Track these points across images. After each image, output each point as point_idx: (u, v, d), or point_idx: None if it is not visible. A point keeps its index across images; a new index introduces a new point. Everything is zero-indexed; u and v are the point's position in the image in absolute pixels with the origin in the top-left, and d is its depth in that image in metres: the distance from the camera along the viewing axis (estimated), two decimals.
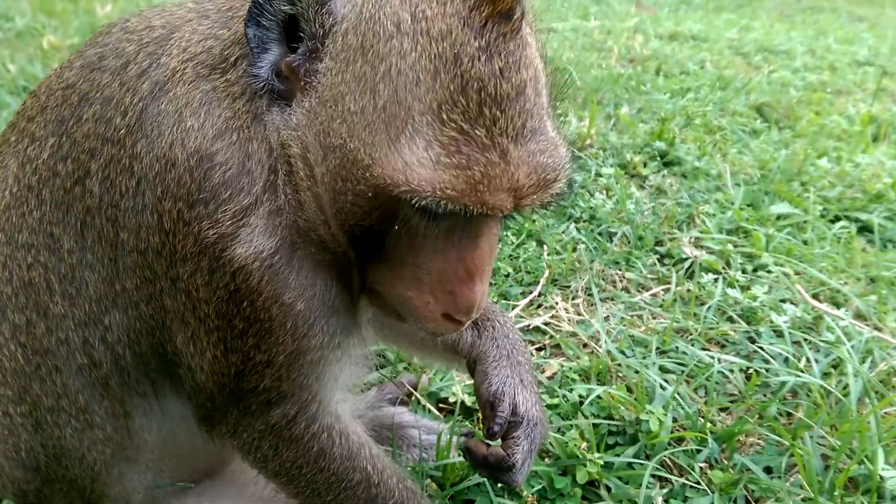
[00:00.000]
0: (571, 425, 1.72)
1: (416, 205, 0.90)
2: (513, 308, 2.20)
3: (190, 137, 0.96)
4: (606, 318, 2.17)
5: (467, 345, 1.39)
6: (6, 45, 4.53)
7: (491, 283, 2.29)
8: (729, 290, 2.24)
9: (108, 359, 1.10)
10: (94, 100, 1.04)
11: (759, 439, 1.75)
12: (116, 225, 1.01)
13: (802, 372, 1.87)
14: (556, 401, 1.81)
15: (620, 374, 1.92)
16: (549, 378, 1.93)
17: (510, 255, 2.49)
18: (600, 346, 2.02)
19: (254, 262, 0.98)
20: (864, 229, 2.73)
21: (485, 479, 1.55)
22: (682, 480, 1.60)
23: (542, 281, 2.33)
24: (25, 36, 4.72)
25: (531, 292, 2.30)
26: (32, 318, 1.09)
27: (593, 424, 1.70)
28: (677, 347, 2.02)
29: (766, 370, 1.92)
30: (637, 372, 1.88)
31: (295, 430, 1.11)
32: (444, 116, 0.88)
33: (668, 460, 1.66)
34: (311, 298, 1.03)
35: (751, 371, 1.94)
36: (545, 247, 2.52)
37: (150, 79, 1.01)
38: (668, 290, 2.32)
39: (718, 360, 1.94)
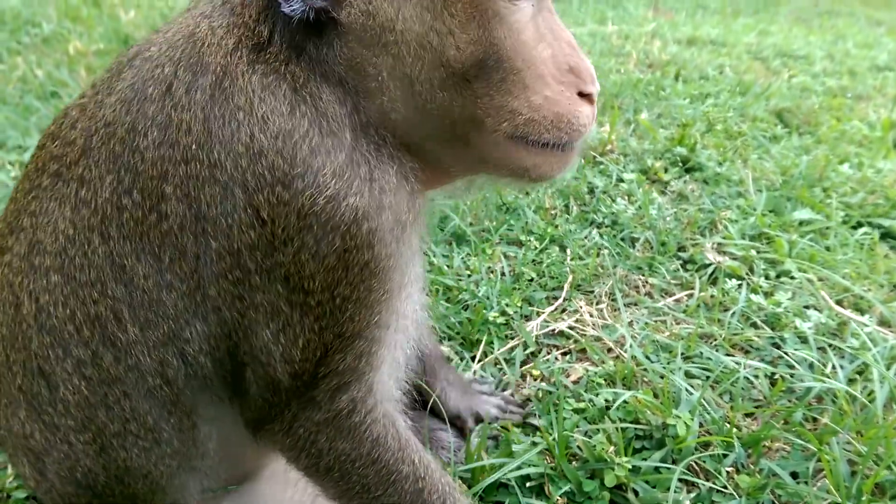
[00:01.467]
0: (598, 429, 1.74)
1: None
2: (538, 314, 2.23)
3: (268, 122, 0.99)
4: (630, 324, 2.19)
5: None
6: (33, 51, 4.61)
7: (515, 288, 2.32)
8: (753, 296, 2.25)
9: (182, 374, 1.12)
10: (147, 129, 1.05)
11: (785, 444, 1.76)
12: (205, 235, 1.02)
13: (828, 377, 1.88)
14: (582, 405, 1.83)
15: (646, 379, 1.94)
16: (575, 382, 1.96)
17: (533, 260, 2.52)
18: (625, 351, 2.04)
19: (375, 207, 1.02)
20: (887, 235, 2.73)
21: (513, 481, 1.59)
22: (709, 485, 1.62)
23: (565, 286, 2.35)
24: (52, 41, 4.80)
25: (555, 297, 2.32)
26: (99, 350, 1.11)
27: (621, 429, 1.72)
28: (702, 353, 2.03)
29: (791, 376, 1.94)
30: (662, 377, 1.90)
31: (355, 418, 1.14)
32: None
33: (694, 465, 1.68)
34: (409, 260, 1.11)
35: (776, 377, 1.95)
36: (568, 252, 2.54)
37: (201, 88, 1.03)
38: (691, 295, 2.34)
39: (743, 365, 1.95)
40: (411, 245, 1.12)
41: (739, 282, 2.36)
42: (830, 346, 2.04)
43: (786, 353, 2.02)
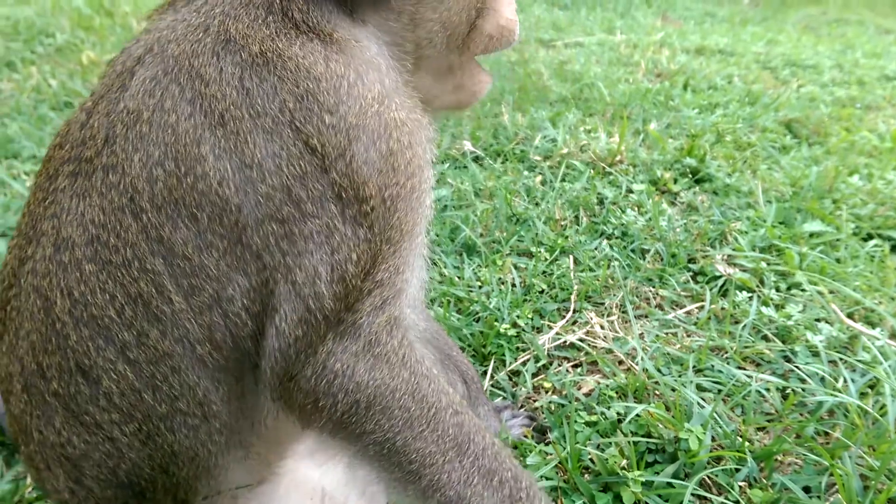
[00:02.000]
0: (611, 443, 1.75)
1: None
2: (549, 327, 2.24)
3: (311, 70, 1.12)
4: (641, 336, 2.20)
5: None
6: (47, 61, 4.66)
7: (526, 299, 2.34)
8: (763, 309, 2.26)
9: (228, 335, 1.15)
10: (175, 105, 1.11)
11: (797, 458, 1.77)
12: (250, 182, 1.10)
13: (839, 392, 1.89)
14: (594, 418, 1.84)
15: (658, 392, 1.95)
16: (587, 395, 1.97)
17: (544, 272, 2.53)
18: (637, 364, 2.05)
19: (404, 118, 1.18)
20: None
21: None
22: (722, 499, 1.62)
23: (572, 297, 2.36)
24: (65, 51, 4.85)
25: (566, 308, 2.34)
26: (144, 328, 1.12)
27: (633, 442, 1.73)
28: (713, 366, 2.04)
29: (803, 390, 1.94)
30: (674, 390, 1.91)
31: (393, 342, 1.18)
32: None
33: (707, 479, 1.68)
34: (429, 154, 1.26)
35: (788, 390, 1.95)
36: (572, 261, 2.55)
37: (233, 62, 1.12)
38: (702, 307, 2.34)
39: (755, 379, 1.96)
40: (431, 159, 1.27)
41: (750, 294, 2.37)
42: (842, 359, 2.04)
43: (797, 367, 2.02)
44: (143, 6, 6.16)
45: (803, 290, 2.39)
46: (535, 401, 1.98)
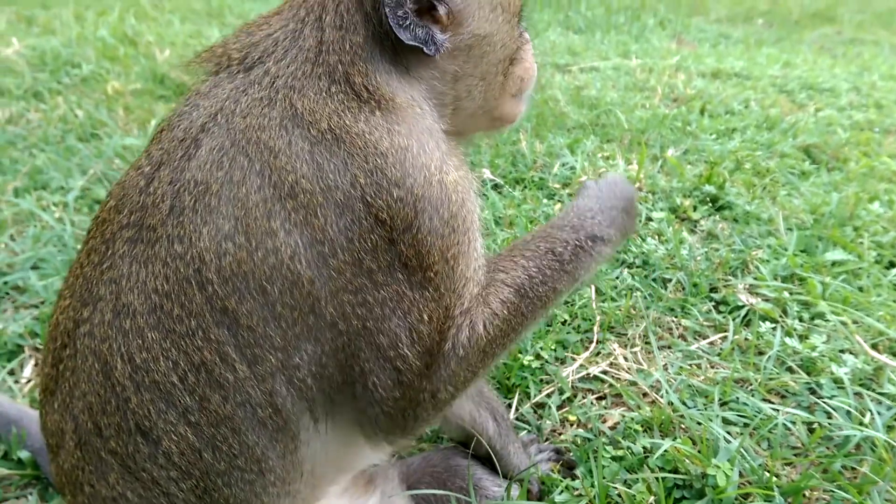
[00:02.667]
0: (638, 479, 1.76)
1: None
2: (573, 359, 2.25)
3: (378, 146, 1.18)
4: (665, 367, 2.21)
5: (487, 432, 1.76)
6: (73, 91, 4.76)
7: (548, 330, 2.35)
8: (787, 340, 2.26)
9: (290, 400, 1.21)
10: (245, 178, 1.15)
11: (824, 494, 1.76)
12: (322, 256, 1.15)
13: (866, 427, 1.89)
14: (620, 452, 1.85)
15: (683, 426, 1.96)
16: (612, 428, 1.98)
17: (566, 302, 2.55)
18: (661, 396, 2.06)
19: (458, 178, 1.26)
20: None
21: None
22: None
23: (595, 328, 2.38)
24: (91, 82, 4.95)
25: (588, 339, 2.35)
26: (206, 394, 1.16)
27: (660, 478, 1.73)
28: (738, 398, 2.04)
29: (829, 423, 1.94)
30: (700, 424, 1.91)
31: (474, 334, 1.29)
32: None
33: None
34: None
35: (814, 424, 1.95)
36: (594, 291, 2.57)
37: (301, 136, 1.17)
38: (725, 338, 2.35)
39: (781, 412, 1.96)
40: (479, 206, 1.36)
41: (773, 324, 2.37)
42: (868, 391, 2.04)
43: (821, 399, 2.02)
44: (166, 36, 6.29)
45: (827, 321, 2.39)
46: (560, 434, 2.00)
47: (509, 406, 2.08)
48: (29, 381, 2.21)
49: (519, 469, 1.80)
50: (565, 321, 2.44)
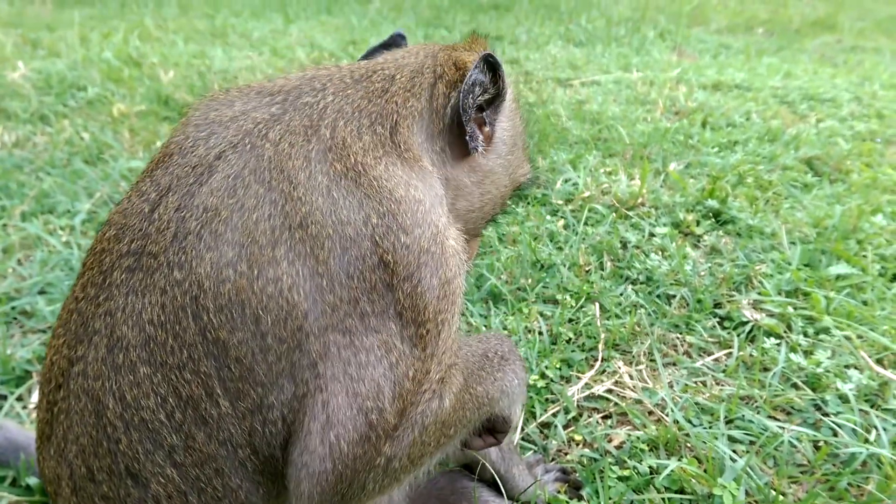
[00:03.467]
0: (644, 500, 1.76)
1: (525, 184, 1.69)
2: (578, 377, 2.26)
3: (394, 192, 1.22)
4: (670, 385, 2.21)
5: (490, 456, 1.76)
6: (79, 114, 4.80)
7: (553, 349, 2.36)
8: (792, 355, 2.26)
9: (264, 441, 1.19)
10: (258, 206, 1.15)
11: None
12: (319, 290, 1.15)
13: (872, 444, 1.89)
14: (626, 472, 1.86)
15: (689, 445, 1.96)
16: (618, 448, 1.98)
17: (570, 319, 2.56)
18: (667, 415, 2.07)
19: (458, 245, 1.30)
20: None
21: None
22: None
23: (600, 346, 2.39)
24: (96, 104, 4.99)
25: (593, 357, 2.36)
26: (191, 432, 1.14)
27: (667, 499, 1.74)
28: (743, 416, 2.05)
29: (835, 439, 1.94)
30: (705, 442, 1.92)
31: (436, 415, 1.26)
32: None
33: None
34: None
35: (819, 441, 1.95)
36: (598, 309, 2.58)
37: (323, 173, 1.20)
38: (730, 354, 2.35)
39: (787, 429, 1.96)
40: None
41: (778, 340, 2.37)
42: (873, 407, 2.04)
43: (827, 415, 2.02)
44: (170, 57, 6.34)
45: (831, 336, 2.39)
46: (566, 454, 2.00)
47: (514, 427, 2.08)
48: (37, 406, 2.23)
49: (527, 498, 1.80)
50: (570, 339, 2.44)
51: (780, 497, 1.75)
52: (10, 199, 3.53)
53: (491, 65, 1.36)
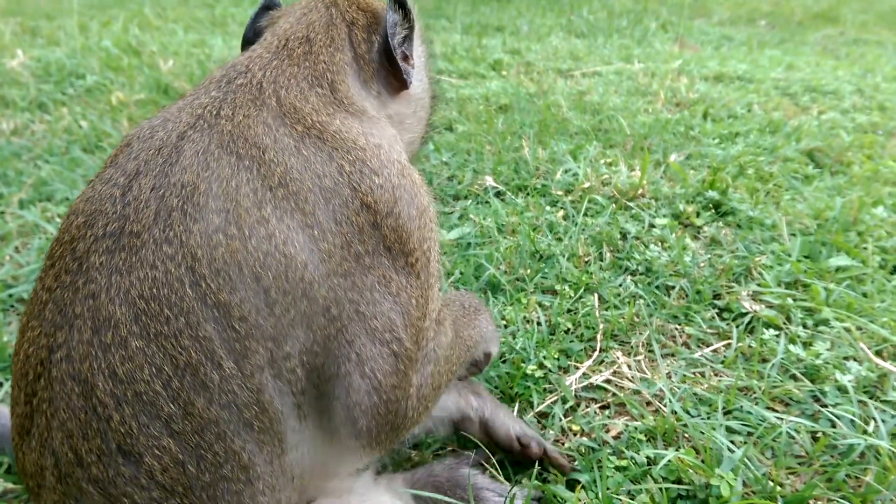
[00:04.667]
0: (641, 489, 1.76)
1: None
2: (576, 367, 2.25)
3: (358, 140, 1.34)
4: (669, 376, 2.20)
5: (472, 405, 1.91)
6: (77, 102, 4.79)
7: (551, 339, 2.35)
8: (791, 347, 2.25)
9: (278, 396, 1.22)
10: (234, 175, 1.21)
11: (828, 503, 1.76)
12: (313, 240, 1.23)
13: (870, 435, 1.88)
14: (624, 462, 1.85)
15: (687, 435, 1.95)
16: (616, 438, 1.97)
17: (569, 310, 2.55)
18: (665, 405, 2.06)
19: (422, 181, 1.42)
20: None
21: None
22: None
23: (598, 336, 2.38)
24: (95, 92, 4.97)
25: (592, 348, 2.35)
26: (190, 398, 1.14)
27: (664, 489, 1.73)
28: (742, 406, 2.04)
29: (834, 431, 1.93)
30: (703, 433, 1.91)
31: (443, 344, 1.50)
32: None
33: None
34: None
35: (818, 433, 1.95)
36: (597, 299, 2.57)
37: (288, 134, 1.29)
38: (728, 345, 2.35)
39: (785, 420, 1.96)
40: None
41: (777, 331, 2.36)
42: (872, 399, 2.03)
43: (826, 408, 2.02)
44: (169, 46, 6.32)
45: (831, 327, 2.38)
46: (563, 443, 1.99)
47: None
48: (12, 404, 2.22)
49: (514, 431, 1.88)
50: (568, 329, 2.44)
51: (778, 488, 1.74)
52: (8, 186, 3.52)
53: (400, 3, 1.49)
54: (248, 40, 1.65)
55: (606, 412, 2.10)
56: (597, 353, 2.32)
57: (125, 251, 1.16)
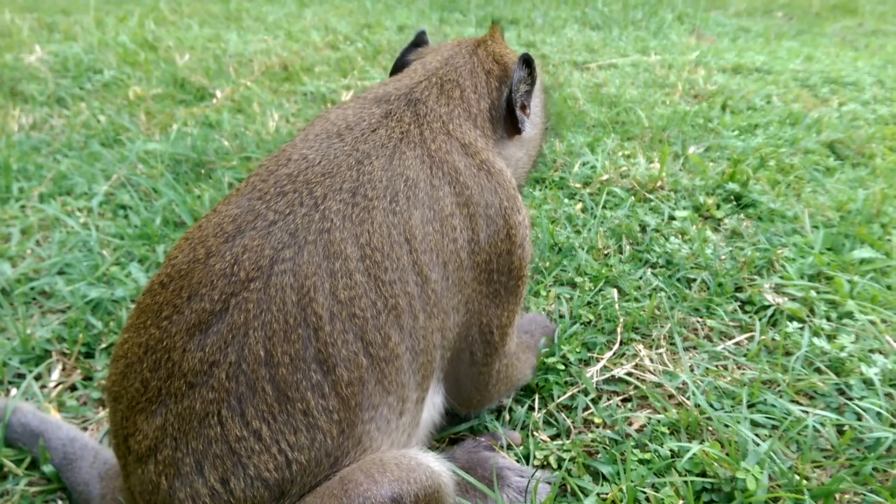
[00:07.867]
0: (665, 482, 1.74)
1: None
2: (597, 360, 2.24)
3: (505, 184, 1.63)
4: (691, 369, 2.19)
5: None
6: (95, 97, 4.81)
7: (573, 332, 2.34)
8: (815, 340, 2.23)
9: (439, 352, 1.56)
10: (442, 185, 1.52)
11: (856, 497, 1.74)
12: (474, 252, 1.56)
13: None
14: (647, 455, 1.84)
15: (710, 428, 1.94)
16: (638, 431, 1.96)
17: (589, 302, 2.53)
18: (688, 398, 2.04)
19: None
20: None
21: None
22: None
23: (619, 329, 2.36)
24: (112, 87, 4.99)
25: (613, 340, 2.34)
26: (389, 332, 1.38)
27: (688, 482, 1.72)
28: (766, 400, 2.02)
29: (860, 425, 1.91)
30: (727, 426, 1.89)
31: (514, 354, 1.93)
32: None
33: None
34: None
35: (844, 426, 1.93)
36: (616, 292, 2.55)
37: (467, 165, 1.58)
38: (751, 338, 2.32)
39: (811, 414, 1.93)
40: None
41: (800, 324, 2.34)
42: None
43: (851, 399, 1.99)
44: (185, 41, 6.33)
45: (855, 320, 2.36)
46: (586, 435, 1.98)
47: (531, 408, 2.07)
48: (57, 384, 2.24)
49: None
50: (589, 322, 2.42)
51: (804, 481, 1.72)
52: (28, 180, 3.54)
53: (527, 62, 1.72)
54: (398, 68, 1.92)
55: (629, 405, 2.08)
56: (617, 345, 2.31)
57: (358, 207, 1.40)
